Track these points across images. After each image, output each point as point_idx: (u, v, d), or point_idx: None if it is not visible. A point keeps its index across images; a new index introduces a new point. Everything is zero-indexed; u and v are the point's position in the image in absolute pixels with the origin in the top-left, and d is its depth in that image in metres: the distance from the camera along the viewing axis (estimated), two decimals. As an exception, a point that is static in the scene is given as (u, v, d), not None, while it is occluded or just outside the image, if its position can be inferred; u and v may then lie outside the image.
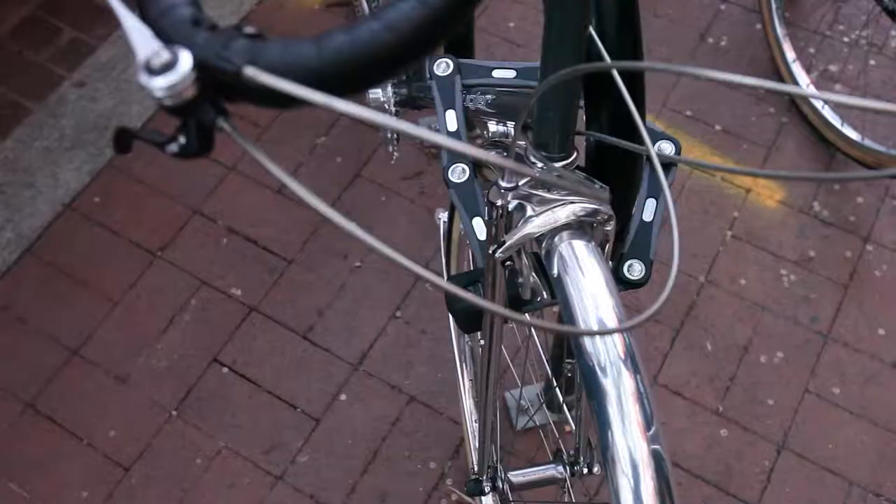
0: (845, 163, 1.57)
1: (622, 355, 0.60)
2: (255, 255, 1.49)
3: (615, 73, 0.59)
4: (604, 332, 0.56)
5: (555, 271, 0.66)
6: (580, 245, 0.66)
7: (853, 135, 1.50)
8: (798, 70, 1.62)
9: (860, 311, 1.43)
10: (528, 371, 1.35)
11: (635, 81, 0.70)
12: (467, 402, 1.23)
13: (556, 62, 0.60)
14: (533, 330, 1.21)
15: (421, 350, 1.39)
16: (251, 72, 0.34)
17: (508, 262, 0.71)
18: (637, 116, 0.57)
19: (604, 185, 0.69)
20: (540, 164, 0.66)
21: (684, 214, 1.53)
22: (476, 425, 1.25)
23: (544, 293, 0.72)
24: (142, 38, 0.35)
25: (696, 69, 0.38)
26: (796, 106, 1.62)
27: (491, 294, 0.77)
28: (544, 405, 1.32)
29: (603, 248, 0.69)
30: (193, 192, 1.56)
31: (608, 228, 0.68)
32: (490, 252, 0.68)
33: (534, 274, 0.72)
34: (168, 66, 0.35)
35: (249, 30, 0.38)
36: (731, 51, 1.73)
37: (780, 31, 1.65)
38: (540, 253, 0.68)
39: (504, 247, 0.66)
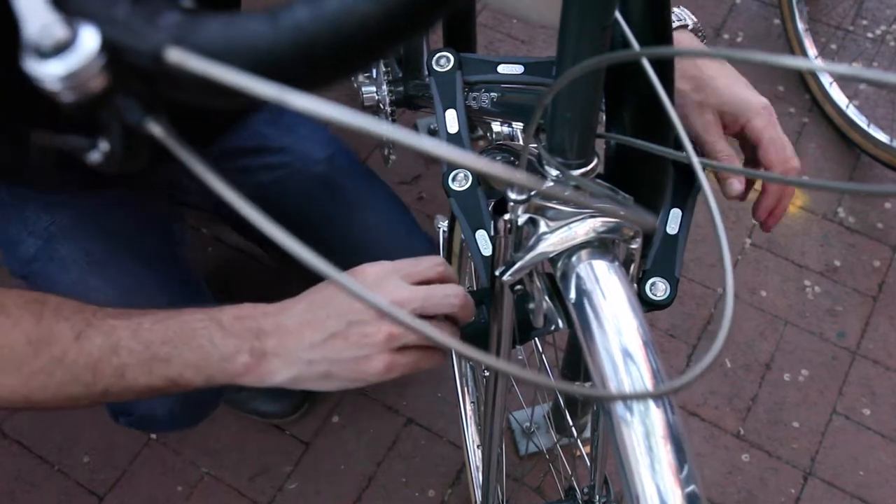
0: (871, 165, 1.47)
1: (649, 386, 0.51)
2: (243, 264, 1.40)
3: (646, 63, 0.50)
4: (638, 397, 0.46)
5: (572, 296, 0.56)
6: (601, 266, 0.57)
7: (881, 136, 1.40)
8: (820, 67, 1.52)
9: (890, 324, 1.33)
10: (534, 389, 1.26)
11: (665, 74, 0.60)
12: (469, 428, 1.14)
13: (576, 52, 0.51)
14: (539, 346, 1.11)
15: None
16: (176, 55, 0.25)
17: (518, 287, 0.61)
18: (674, 116, 0.48)
19: (627, 196, 0.60)
20: (555, 172, 0.56)
21: (698, 221, 1.43)
22: (479, 451, 1.15)
23: (559, 321, 0.62)
24: (31, 7, 0.26)
25: (736, 52, 0.30)
26: (818, 105, 1.53)
27: (497, 320, 0.67)
28: (552, 428, 1.23)
29: (627, 269, 0.59)
30: (177, 197, 1.47)
31: (634, 246, 0.59)
32: (497, 274, 0.58)
33: (547, 298, 0.62)
34: (64, 47, 0.25)
35: (187, 3, 0.29)
36: (748, 47, 1.63)
37: (800, 26, 1.55)
38: (555, 274, 0.58)
39: (513, 269, 0.57)
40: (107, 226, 0.89)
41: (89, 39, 0.25)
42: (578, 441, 1.20)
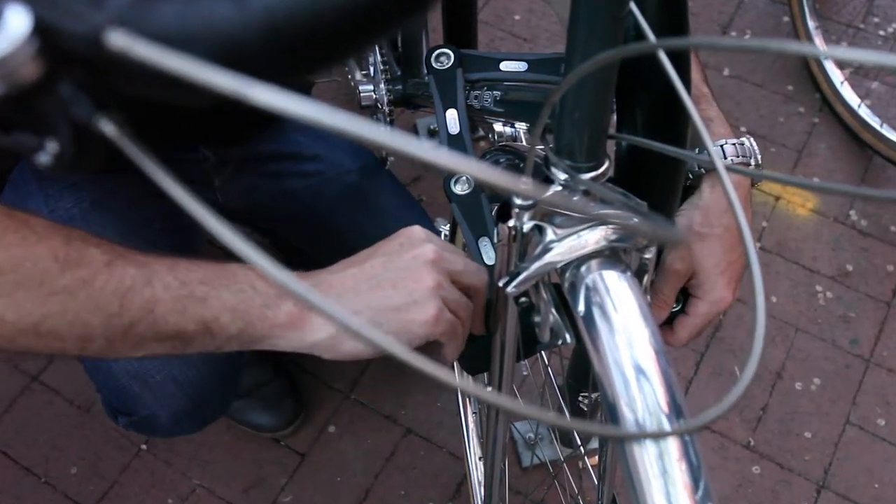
0: (884, 167, 1.43)
1: (664, 406, 0.47)
2: (237, 269, 1.36)
3: (663, 55, 0.46)
4: (657, 436, 0.42)
5: (581, 308, 0.52)
6: (613, 276, 0.53)
7: (895, 137, 1.36)
8: (830, 66, 1.48)
9: (905, 332, 1.29)
10: (536, 399, 1.22)
11: (682, 68, 0.56)
12: (471, 440, 1.10)
13: (586, 46, 0.47)
14: (544, 356, 1.07)
15: (418, 376, 1.26)
16: (120, 40, 0.21)
17: (523, 299, 0.57)
18: (695, 113, 0.44)
19: (640, 201, 0.56)
20: (563, 176, 0.52)
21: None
22: (481, 464, 1.11)
23: (567, 335, 0.58)
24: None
25: (766, 42, 0.26)
26: (829, 105, 1.49)
27: (500, 333, 0.63)
28: (556, 439, 1.18)
29: (640, 280, 0.55)
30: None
31: (647, 256, 0.55)
32: (500, 285, 0.54)
33: (554, 311, 0.58)
34: (-14, 30, 0.21)
35: (145, -18, 0.25)
36: (756, 46, 1.59)
37: (810, 23, 1.51)
38: (562, 285, 0.54)
39: (518, 280, 0.53)
40: (129, 216, 0.86)
41: (17, 20, 0.21)
42: (584, 453, 1.16)
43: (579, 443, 1.06)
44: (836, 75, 1.47)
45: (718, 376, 1.26)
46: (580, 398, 1.01)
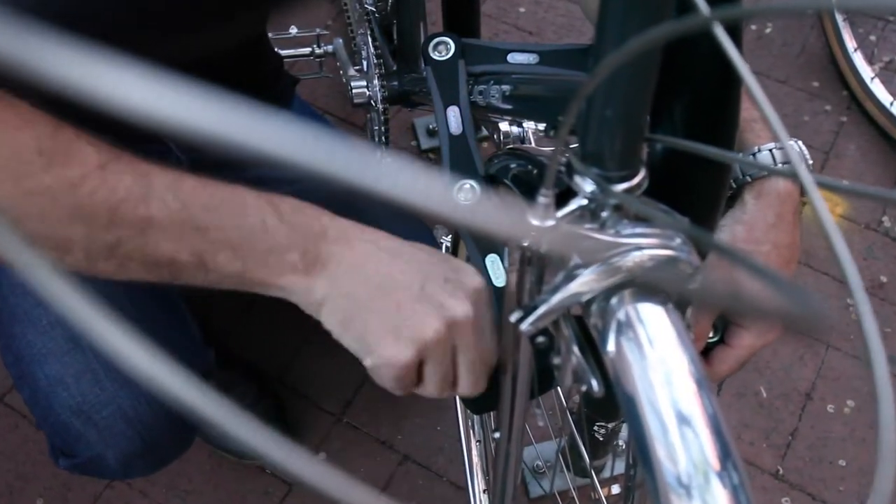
0: (918, 170, 1.33)
1: (713, 460, 0.39)
2: (221, 280, 1.26)
3: (720, 31, 0.36)
4: None
5: (611, 348, 0.42)
6: (650, 309, 0.43)
7: (933, 136, 1.26)
8: (860, 61, 1.38)
9: (945, 349, 1.19)
10: (544, 418, 1.12)
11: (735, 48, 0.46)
12: (475, 472, 1.00)
13: (625, 28, 0.38)
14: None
15: (416, 398, 1.16)
16: None
17: (541, 339, 0.47)
18: (769, 108, 0.34)
19: (682, 217, 0.46)
20: (591, 187, 0.43)
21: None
22: (484, 496, 1.02)
23: (593, 381, 0.48)
24: None
25: None
26: (857, 103, 1.39)
27: (511, 371, 0.54)
28: (566, 468, 1.09)
29: (682, 313, 0.45)
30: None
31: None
32: (512, 321, 0.44)
33: (577, 350, 0.48)
34: None
35: None
36: (777, 40, 1.49)
37: (838, 16, 1.41)
38: (588, 320, 0.45)
39: (534, 316, 0.43)
40: None
41: None
42: (595, 480, 1.06)
43: (591, 465, 0.96)
44: (866, 71, 1.38)
45: (743, 397, 1.16)
46: (596, 427, 0.92)
